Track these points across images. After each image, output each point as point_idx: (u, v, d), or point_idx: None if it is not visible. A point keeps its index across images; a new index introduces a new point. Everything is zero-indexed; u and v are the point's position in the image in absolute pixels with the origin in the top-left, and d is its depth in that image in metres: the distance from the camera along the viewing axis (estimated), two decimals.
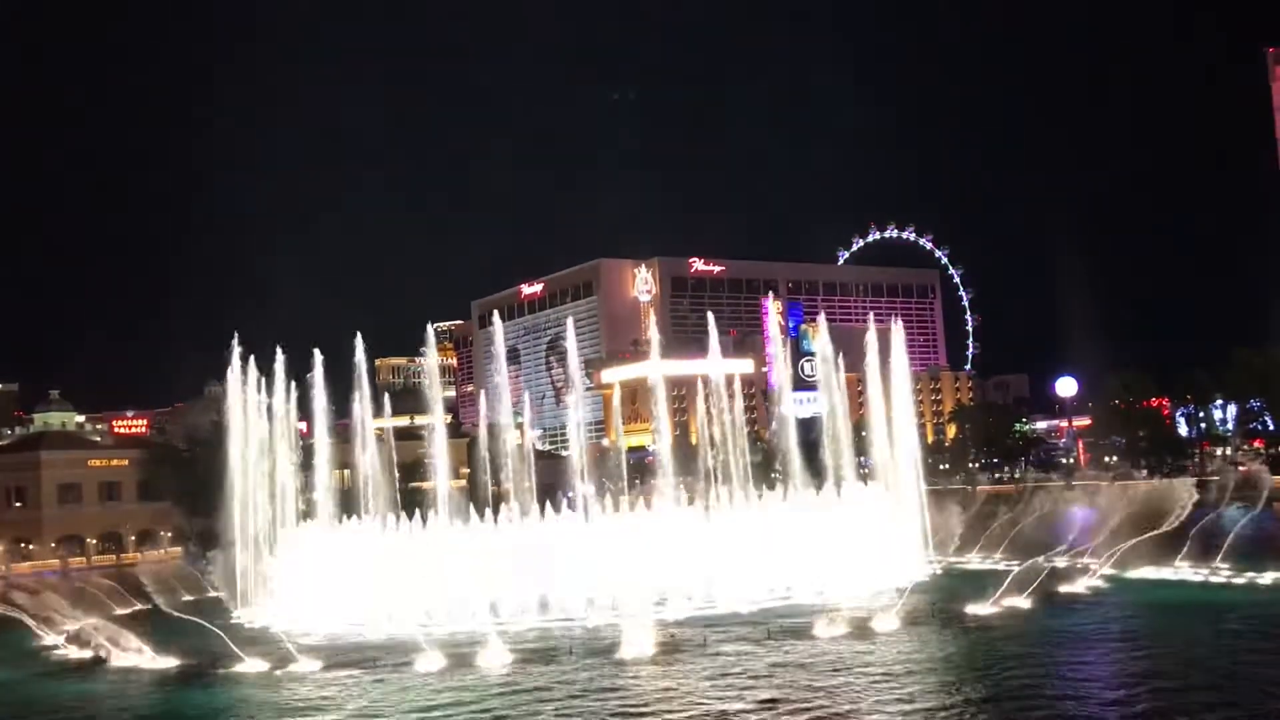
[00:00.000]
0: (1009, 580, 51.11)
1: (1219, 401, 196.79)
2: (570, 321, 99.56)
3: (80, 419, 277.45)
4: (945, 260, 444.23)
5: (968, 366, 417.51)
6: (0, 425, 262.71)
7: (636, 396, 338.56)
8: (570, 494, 69.69)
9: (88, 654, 50.26)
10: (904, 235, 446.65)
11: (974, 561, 71.42)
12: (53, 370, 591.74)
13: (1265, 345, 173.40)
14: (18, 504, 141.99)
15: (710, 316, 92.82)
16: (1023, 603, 50.11)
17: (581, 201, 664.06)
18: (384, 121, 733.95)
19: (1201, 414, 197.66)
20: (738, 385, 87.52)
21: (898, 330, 77.03)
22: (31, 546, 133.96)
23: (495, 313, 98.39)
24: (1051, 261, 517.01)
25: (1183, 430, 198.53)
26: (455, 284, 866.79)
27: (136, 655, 47.80)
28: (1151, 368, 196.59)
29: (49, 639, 54.40)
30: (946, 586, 58.87)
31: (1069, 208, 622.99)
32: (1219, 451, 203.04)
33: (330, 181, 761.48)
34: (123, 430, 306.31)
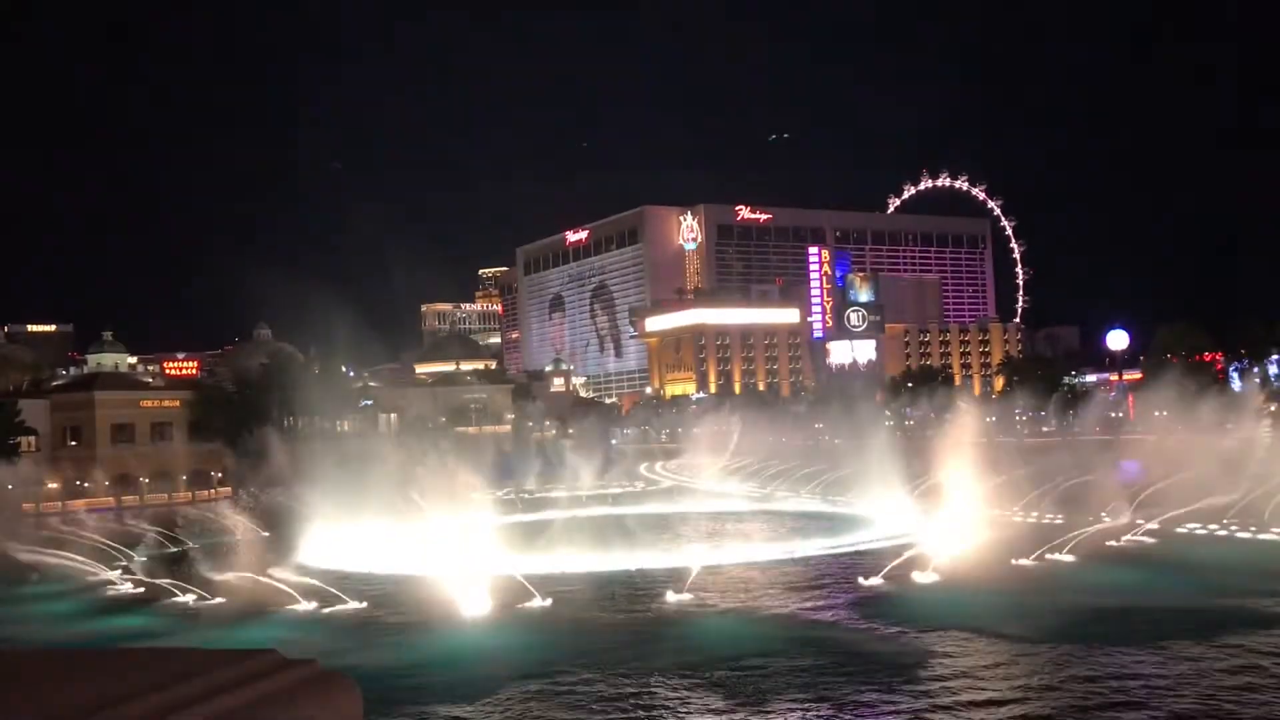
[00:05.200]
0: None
1: (1274, 356, 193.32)
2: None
3: (132, 360, 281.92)
4: (998, 211, 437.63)
5: (1017, 319, 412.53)
6: (55, 366, 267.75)
7: (680, 345, 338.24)
8: (615, 440, 70.00)
9: (141, 591, 51.28)
10: (957, 184, 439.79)
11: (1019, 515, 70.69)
12: (106, 312, 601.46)
13: None
14: (73, 442, 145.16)
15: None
16: (1066, 557, 49.71)
17: (628, 146, 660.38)
18: (429, 68, 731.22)
19: (1256, 368, 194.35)
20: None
21: None
22: (86, 484, 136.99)
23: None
24: (1107, 212, 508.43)
25: (1236, 386, 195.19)
26: (500, 230, 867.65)
27: (188, 593, 48.73)
28: (1206, 321, 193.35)
29: (104, 575, 55.55)
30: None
31: (1125, 161, 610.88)
32: (1273, 407, 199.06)
33: (372, 129, 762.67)
34: (174, 372, 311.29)
